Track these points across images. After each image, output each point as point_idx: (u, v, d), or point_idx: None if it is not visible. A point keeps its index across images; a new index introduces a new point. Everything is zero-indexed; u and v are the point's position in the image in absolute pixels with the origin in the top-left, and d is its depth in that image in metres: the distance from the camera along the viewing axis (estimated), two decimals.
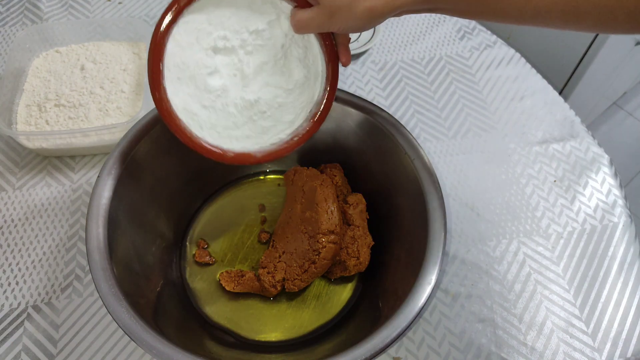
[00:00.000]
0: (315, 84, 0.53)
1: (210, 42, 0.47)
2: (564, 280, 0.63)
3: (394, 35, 0.89)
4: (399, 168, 0.57)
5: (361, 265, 0.57)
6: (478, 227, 0.67)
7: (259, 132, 0.53)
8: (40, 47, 0.76)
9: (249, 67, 0.50)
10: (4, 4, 0.90)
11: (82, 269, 0.62)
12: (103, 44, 0.78)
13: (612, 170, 0.73)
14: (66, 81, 0.72)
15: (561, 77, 1.29)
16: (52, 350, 0.57)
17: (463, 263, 0.64)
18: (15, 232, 0.65)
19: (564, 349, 0.59)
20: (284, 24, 0.49)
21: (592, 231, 0.67)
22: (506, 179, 0.72)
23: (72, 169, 0.71)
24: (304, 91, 0.53)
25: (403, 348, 0.58)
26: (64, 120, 0.69)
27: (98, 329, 0.58)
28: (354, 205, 0.59)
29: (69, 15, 0.88)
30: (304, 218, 0.57)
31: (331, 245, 0.54)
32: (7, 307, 0.59)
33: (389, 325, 0.45)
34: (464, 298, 0.62)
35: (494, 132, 0.77)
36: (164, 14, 0.43)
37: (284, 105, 0.53)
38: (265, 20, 0.48)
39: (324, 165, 0.64)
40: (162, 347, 0.43)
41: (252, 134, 0.52)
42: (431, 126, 0.77)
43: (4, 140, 0.73)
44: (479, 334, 0.59)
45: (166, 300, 0.55)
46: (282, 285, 0.56)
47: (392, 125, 0.57)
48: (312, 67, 0.52)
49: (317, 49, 0.51)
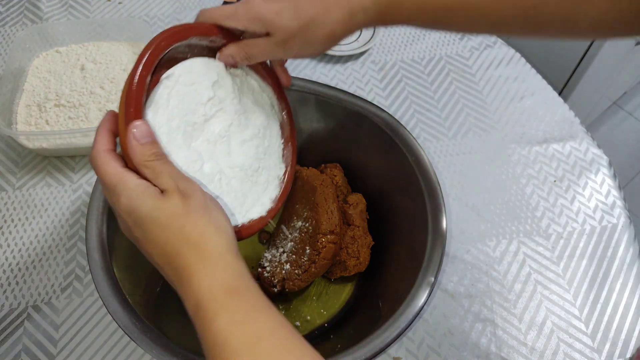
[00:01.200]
0: (274, 112, 0.53)
1: (181, 136, 0.42)
2: (564, 280, 0.64)
3: (394, 35, 0.89)
4: (399, 168, 0.57)
5: (361, 265, 0.57)
6: (478, 227, 0.67)
7: (263, 189, 0.50)
8: (40, 47, 0.76)
9: (223, 137, 0.46)
10: (4, 4, 0.90)
11: (82, 269, 0.62)
12: (103, 44, 0.78)
13: (611, 172, 0.73)
14: (66, 81, 0.72)
15: (561, 77, 1.29)
16: (52, 350, 0.57)
17: (463, 263, 0.64)
18: (15, 232, 0.65)
19: (563, 349, 0.59)
20: (225, 80, 0.46)
21: (592, 231, 0.67)
22: (506, 179, 0.72)
23: (72, 169, 0.71)
24: (271, 125, 0.52)
25: (403, 348, 0.58)
26: (64, 120, 0.69)
27: (98, 329, 0.58)
28: (354, 205, 0.59)
29: (69, 15, 0.88)
30: (304, 218, 0.57)
31: (331, 245, 0.54)
32: (7, 307, 0.59)
33: (389, 325, 0.45)
34: (464, 298, 0.62)
35: (494, 132, 0.77)
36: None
37: (269, 149, 0.51)
38: (209, 85, 0.44)
39: (324, 165, 0.64)
40: (162, 347, 0.43)
41: (259, 192, 0.50)
42: (431, 126, 0.77)
43: (4, 140, 0.73)
44: (479, 334, 0.59)
45: (166, 300, 0.55)
46: (282, 285, 0.56)
47: (392, 125, 0.57)
48: (265, 102, 0.51)
49: (257, 83, 0.50)
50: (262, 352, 0.30)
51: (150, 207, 0.34)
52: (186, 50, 0.43)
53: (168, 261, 0.34)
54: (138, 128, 0.36)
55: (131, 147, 0.35)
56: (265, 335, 0.31)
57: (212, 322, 0.31)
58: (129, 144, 0.36)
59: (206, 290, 0.33)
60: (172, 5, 0.91)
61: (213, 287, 0.33)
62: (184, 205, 0.34)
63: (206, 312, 0.32)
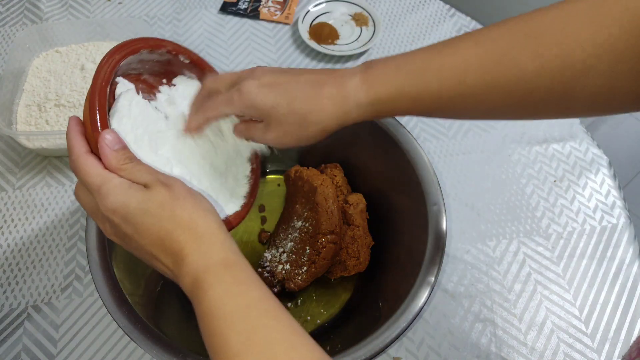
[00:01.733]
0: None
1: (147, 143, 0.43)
2: (564, 280, 0.64)
3: (394, 35, 0.89)
4: (399, 168, 0.57)
5: (361, 265, 0.57)
6: (478, 227, 0.67)
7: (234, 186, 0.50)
8: (40, 47, 0.76)
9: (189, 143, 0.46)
10: (4, 4, 0.90)
11: (82, 269, 0.62)
12: (103, 44, 0.78)
13: (611, 172, 0.73)
14: (66, 81, 0.72)
15: None
16: (52, 350, 0.57)
17: (463, 263, 0.64)
18: (15, 232, 0.65)
19: (563, 349, 0.59)
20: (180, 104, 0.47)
21: (592, 231, 0.67)
22: (506, 179, 0.72)
23: None
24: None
25: (403, 348, 0.58)
26: (64, 120, 0.69)
27: (98, 329, 0.58)
28: (354, 205, 0.59)
29: (69, 15, 0.88)
30: (304, 218, 0.57)
31: (331, 245, 0.54)
32: (7, 307, 0.59)
33: (389, 325, 0.45)
34: (464, 298, 0.62)
35: (494, 132, 0.77)
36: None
37: (235, 148, 0.51)
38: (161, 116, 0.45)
39: (324, 165, 0.64)
40: (162, 347, 0.43)
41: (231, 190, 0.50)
42: (431, 126, 0.77)
43: (4, 140, 0.73)
44: (479, 334, 0.59)
45: (166, 300, 0.55)
46: (282, 285, 0.56)
47: (392, 125, 0.57)
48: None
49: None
50: (252, 318, 0.32)
51: (139, 199, 0.35)
52: (139, 67, 0.44)
53: (163, 248, 0.35)
54: (109, 135, 0.38)
55: (104, 153, 0.37)
56: (255, 304, 0.33)
57: (207, 292, 0.33)
58: (102, 151, 0.37)
59: (202, 265, 0.34)
60: (172, 5, 0.91)
61: (209, 262, 0.34)
62: (169, 193, 0.36)
63: (203, 284, 0.34)
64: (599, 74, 0.33)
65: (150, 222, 0.35)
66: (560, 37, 0.34)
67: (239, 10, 0.90)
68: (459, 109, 0.40)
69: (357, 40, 0.86)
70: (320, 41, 0.84)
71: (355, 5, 0.89)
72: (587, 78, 0.34)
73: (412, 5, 0.92)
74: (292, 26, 0.88)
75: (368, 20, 0.87)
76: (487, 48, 0.37)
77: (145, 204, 0.35)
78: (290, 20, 0.89)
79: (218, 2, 0.91)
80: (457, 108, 0.39)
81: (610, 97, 0.35)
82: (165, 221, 0.35)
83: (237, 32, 0.88)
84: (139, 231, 0.36)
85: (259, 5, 0.90)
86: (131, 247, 0.38)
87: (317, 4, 0.89)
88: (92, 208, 0.38)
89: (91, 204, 0.38)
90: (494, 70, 0.36)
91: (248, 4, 0.90)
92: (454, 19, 0.91)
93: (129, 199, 0.35)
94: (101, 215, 0.37)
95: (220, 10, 0.90)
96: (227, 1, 0.91)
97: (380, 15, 0.90)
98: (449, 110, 0.40)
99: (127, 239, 0.37)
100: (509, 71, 0.36)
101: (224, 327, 0.32)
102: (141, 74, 0.45)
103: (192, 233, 0.35)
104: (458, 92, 0.38)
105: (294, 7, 0.90)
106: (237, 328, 0.32)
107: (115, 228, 0.37)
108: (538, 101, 0.36)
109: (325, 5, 0.89)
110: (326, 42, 0.85)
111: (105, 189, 0.36)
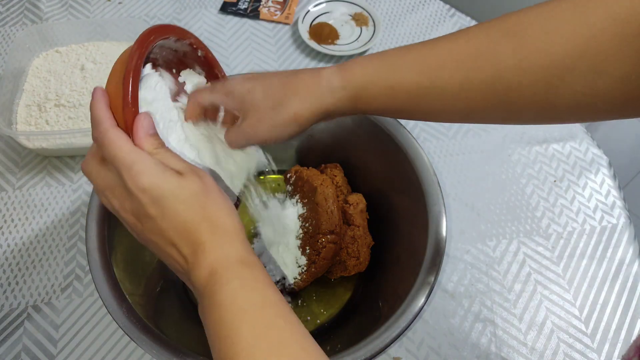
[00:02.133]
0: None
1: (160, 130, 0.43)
2: (564, 280, 0.64)
3: (394, 35, 0.89)
4: (399, 168, 0.57)
5: (361, 265, 0.57)
6: (478, 227, 0.67)
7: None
8: (40, 47, 0.76)
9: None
10: (4, 4, 0.90)
11: (82, 269, 0.62)
12: (103, 44, 0.78)
13: (611, 172, 0.73)
14: (66, 81, 0.72)
15: None
16: (52, 350, 0.57)
17: (463, 263, 0.64)
18: (15, 232, 0.65)
19: (563, 349, 0.59)
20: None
21: (592, 231, 0.67)
22: (506, 179, 0.72)
23: (72, 169, 0.71)
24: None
25: (403, 348, 0.58)
26: (64, 120, 0.69)
27: (98, 329, 0.58)
28: (354, 205, 0.59)
29: (69, 15, 0.88)
30: (304, 218, 0.57)
31: (331, 245, 0.54)
32: (7, 307, 0.59)
33: (389, 325, 0.45)
34: (464, 298, 0.62)
35: (494, 132, 0.77)
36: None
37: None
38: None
39: (324, 165, 0.64)
40: (162, 347, 0.43)
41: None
42: (431, 126, 0.77)
43: (4, 140, 0.73)
44: (479, 334, 0.59)
45: (166, 300, 0.55)
46: (282, 285, 0.56)
47: (392, 125, 0.57)
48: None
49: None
50: (267, 316, 0.33)
51: (174, 184, 0.35)
52: (156, 52, 0.45)
53: (186, 236, 0.35)
54: (146, 119, 0.37)
55: (139, 136, 0.37)
56: (270, 304, 0.34)
57: (223, 285, 0.33)
58: (138, 135, 0.37)
59: (222, 259, 0.35)
60: (172, 5, 0.91)
61: (229, 258, 0.35)
62: (203, 185, 0.36)
63: (220, 278, 0.34)
64: (581, 74, 0.33)
65: (181, 209, 0.35)
66: (540, 34, 0.34)
67: (239, 10, 0.90)
68: (438, 108, 0.39)
69: (357, 40, 0.86)
70: (320, 41, 0.84)
71: (355, 5, 0.89)
72: (569, 77, 0.33)
73: (412, 5, 0.92)
74: (292, 26, 0.88)
75: (368, 20, 0.87)
76: (465, 44, 0.37)
77: (179, 190, 0.35)
78: (290, 20, 0.89)
79: (218, 2, 0.91)
80: (435, 105, 0.39)
81: (595, 100, 0.34)
82: (195, 211, 0.35)
83: (237, 32, 0.88)
84: (165, 214, 0.35)
85: (259, 5, 0.90)
86: (145, 229, 0.37)
87: (317, 4, 0.89)
88: (108, 183, 0.37)
89: (107, 178, 0.37)
90: (472, 64, 0.36)
91: (248, 4, 0.90)
92: (454, 19, 0.91)
93: (164, 182, 0.35)
94: (122, 191, 0.36)
95: (220, 10, 0.90)
96: (227, 1, 0.91)
97: (380, 15, 0.90)
98: (427, 107, 0.40)
99: (146, 219, 0.36)
100: (487, 66, 0.36)
101: (237, 320, 0.32)
102: (157, 59, 0.45)
103: (217, 228, 0.35)
104: (435, 86, 0.38)
105: (294, 7, 0.90)
106: (251, 322, 0.32)
107: (139, 207, 0.36)
108: (518, 100, 0.36)
109: (325, 5, 0.89)
110: (326, 42, 0.85)
111: (139, 166, 0.35)
